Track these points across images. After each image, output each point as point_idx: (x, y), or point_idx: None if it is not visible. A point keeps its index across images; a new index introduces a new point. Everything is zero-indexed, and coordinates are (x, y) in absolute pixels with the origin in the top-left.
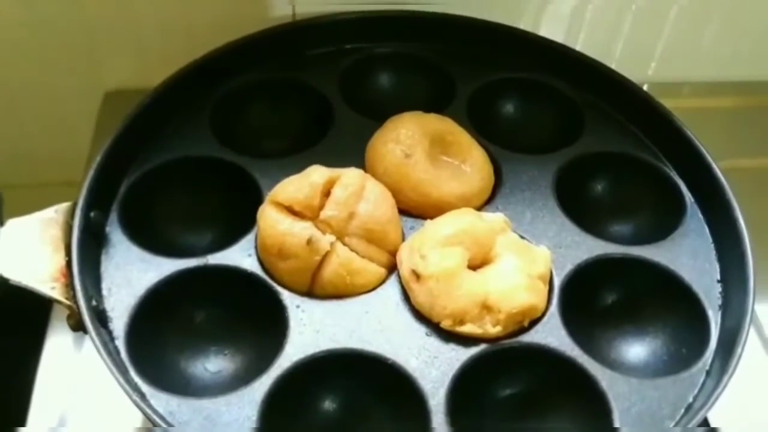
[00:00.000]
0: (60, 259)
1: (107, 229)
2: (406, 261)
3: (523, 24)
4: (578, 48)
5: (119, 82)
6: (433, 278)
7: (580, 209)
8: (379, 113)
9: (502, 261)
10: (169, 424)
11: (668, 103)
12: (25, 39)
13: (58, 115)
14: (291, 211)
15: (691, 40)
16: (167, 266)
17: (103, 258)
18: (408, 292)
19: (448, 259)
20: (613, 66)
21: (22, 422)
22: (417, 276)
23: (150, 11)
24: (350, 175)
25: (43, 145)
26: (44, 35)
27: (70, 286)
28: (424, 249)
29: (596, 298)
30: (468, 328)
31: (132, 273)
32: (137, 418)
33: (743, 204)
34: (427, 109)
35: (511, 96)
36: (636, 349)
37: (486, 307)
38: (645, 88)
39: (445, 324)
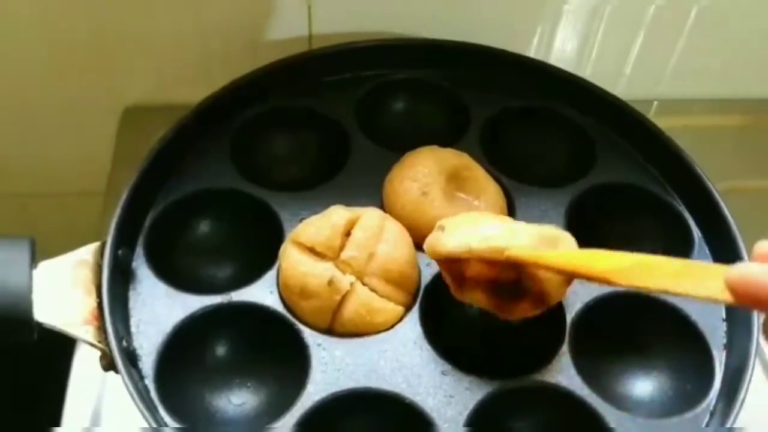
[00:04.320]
0: (91, 302)
1: (133, 264)
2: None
3: (536, 40)
4: (589, 66)
5: (138, 98)
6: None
7: (591, 243)
8: (394, 140)
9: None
10: None
11: (678, 120)
12: (45, 57)
13: (78, 130)
14: (313, 251)
15: (703, 57)
16: (192, 302)
17: (131, 294)
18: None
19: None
20: (623, 83)
21: (57, 422)
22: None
23: (167, 31)
24: (370, 216)
25: (64, 157)
26: (64, 53)
27: (101, 329)
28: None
29: (604, 335)
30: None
31: (159, 309)
32: None
33: (750, 225)
34: (442, 137)
35: (524, 125)
36: (642, 385)
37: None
38: (655, 105)
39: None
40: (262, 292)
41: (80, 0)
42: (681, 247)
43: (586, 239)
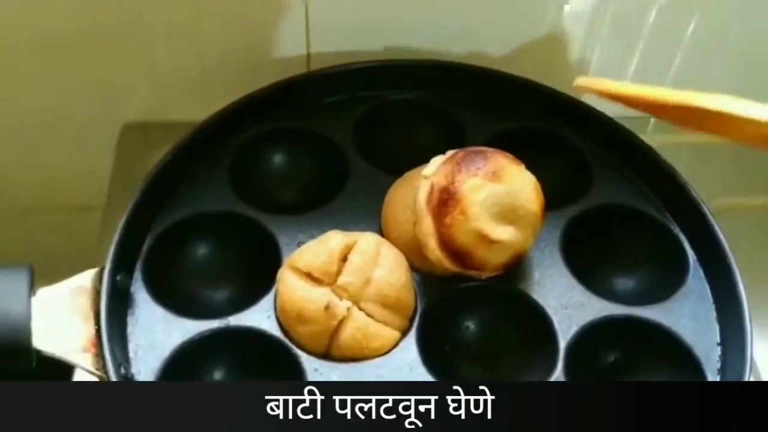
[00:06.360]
0: (90, 329)
1: (132, 289)
2: None
3: (534, 59)
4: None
5: (137, 114)
6: None
7: (586, 264)
8: (392, 162)
9: None
10: None
11: (675, 137)
12: (44, 71)
13: (78, 145)
14: (310, 276)
15: (699, 74)
16: (190, 327)
17: (129, 319)
18: None
19: None
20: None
21: None
22: None
23: (166, 48)
24: (366, 242)
25: (62, 172)
26: (63, 68)
27: (99, 355)
28: None
29: (599, 359)
30: None
31: (156, 334)
32: None
33: (747, 242)
34: None
35: (521, 147)
36: None
37: None
38: (652, 121)
39: None
40: (259, 317)
41: (80, 15)
42: (676, 270)
43: (580, 261)
